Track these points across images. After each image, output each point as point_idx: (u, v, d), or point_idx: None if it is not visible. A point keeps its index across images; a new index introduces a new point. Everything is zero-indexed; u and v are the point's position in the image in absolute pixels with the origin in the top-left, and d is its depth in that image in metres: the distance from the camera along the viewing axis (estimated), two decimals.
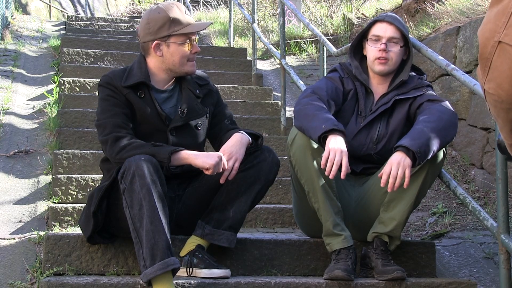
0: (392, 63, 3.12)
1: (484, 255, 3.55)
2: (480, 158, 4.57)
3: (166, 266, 2.58)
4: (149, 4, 17.66)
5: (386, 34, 3.09)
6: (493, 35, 1.23)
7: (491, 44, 1.23)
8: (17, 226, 3.66)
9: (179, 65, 2.97)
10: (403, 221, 2.98)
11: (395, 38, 3.10)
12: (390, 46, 3.10)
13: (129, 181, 2.65)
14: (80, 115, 5.04)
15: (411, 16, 6.69)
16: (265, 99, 6.15)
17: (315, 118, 2.87)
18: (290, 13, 8.77)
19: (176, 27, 2.93)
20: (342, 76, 3.20)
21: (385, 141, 3.11)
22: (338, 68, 3.24)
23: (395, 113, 3.13)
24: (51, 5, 15.00)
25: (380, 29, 3.11)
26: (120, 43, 7.25)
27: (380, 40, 3.10)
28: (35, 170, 4.37)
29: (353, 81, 3.18)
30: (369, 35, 3.14)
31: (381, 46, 3.08)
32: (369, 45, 3.14)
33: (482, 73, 1.27)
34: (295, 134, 2.97)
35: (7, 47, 7.34)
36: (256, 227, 3.98)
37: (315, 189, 2.93)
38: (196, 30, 2.96)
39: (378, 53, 3.09)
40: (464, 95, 4.86)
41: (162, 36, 2.93)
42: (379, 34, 3.10)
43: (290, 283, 2.85)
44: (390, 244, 3.00)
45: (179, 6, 2.98)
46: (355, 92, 3.17)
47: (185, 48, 2.95)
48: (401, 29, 3.11)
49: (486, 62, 1.25)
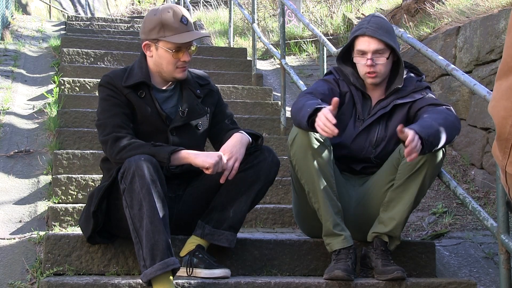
0: (381, 74, 3.10)
1: (484, 255, 3.55)
2: (480, 158, 4.57)
3: (166, 266, 2.58)
4: (149, 4, 17.66)
5: (370, 48, 3.06)
6: (510, 113, 1.13)
7: (510, 123, 1.14)
8: (17, 226, 3.66)
9: (166, 70, 2.95)
10: (403, 221, 2.98)
11: (380, 50, 3.06)
12: (376, 59, 3.06)
13: (129, 181, 2.65)
14: (80, 115, 5.05)
15: (411, 16, 6.69)
16: (265, 99, 6.15)
17: (303, 108, 2.87)
18: (290, 13, 8.78)
19: (166, 33, 2.89)
20: (337, 78, 3.21)
21: (384, 145, 3.11)
22: (333, 71, 3.25)
23: (394, 116, 3.13)
24: (51, 5, 15.00)
25: (363, 44, 3.07)
26: (120, 43, 7.25)
27: (366, 56, 3.07)
28: (35, 170, 4.37)
29: (348, 84, 3.18)
30: (354, 49, 3.12)
31: (368, 62, 3.06)
32: (356, 60, 3.12)
33: (502, 154, 1.17)
34: (295, 134, 2.97)
35: (7, 47, 7.34)
36: (256, 227, 3.98)
37: (315, 189, 2.94)
38: (183, 41, 2.89)
39: (366, 68, 3.08)
40: (464, 95, 4.86)
41: (151, 38, 2.92)
42: (362, 49, 3.07)
43: (290, 283, 2.85)
44: (390, 244, 3.01)
45: (176, 12, 2.91)
46: (351, 95, 3.16)
47: (171, 54, 2.91)
48: (384, 40, 3.06)
49: (506, 143, 1.15)
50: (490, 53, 4.62)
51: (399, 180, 2.95)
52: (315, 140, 2.92)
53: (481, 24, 4.76)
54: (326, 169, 2.94)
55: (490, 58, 4.63)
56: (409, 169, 2.92)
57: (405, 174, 2.93)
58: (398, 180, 2.96)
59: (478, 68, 4.75)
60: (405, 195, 2.94)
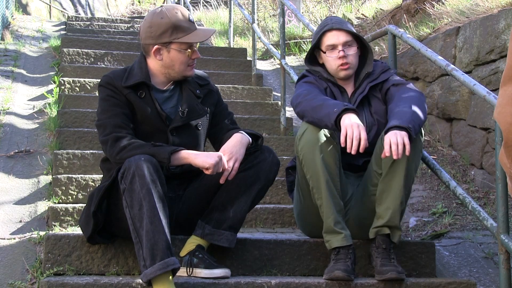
0: (353, 65, 3.23)
1: (484, 255, 3.55)
2: (480, 158, 4.57)
3: (166, 266, 2.58)
4: (149, 4, 17.66)
5: (340, 41, 3.18)
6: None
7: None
8: (17, 226, 3.66)
9: (178, 70, 2.96)
10: (398, 208, 2.97)
11: (348, 41, 3.19)
12: (347, 50, 3.19)
13: (129, 181, 2.65)
14: (80, 115, 5.05)
15: (411, 16, 6.69)
16: (265, 99, 6.16)
17: (323, 107, 2.95)
18: (290, 13, 8.78)
19: (179, 34, 2.91)
20: (315, 77, 3.28)
21: (376, 129, 3.17)
22: (307, 73, 3.34)
23: (372, 100, 3.23)
24: (51, 5, 15.00)
25: (332, 38, 3.19)
26: (120, 43, 7.25)
27: (336, 48, 3.18)
28: (35, 170, 4.37)
29: (325, 81, 3.27)
30: (323, 46, 3.22)
31: (340, 53, 3.17)
32: (327, 56, 3.21)
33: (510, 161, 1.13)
34: (305, 129, 2.99)
35: (7, 47, 7.34)
36: (256, 227, 3.98)
37: (319, 185, 2.95)
38: (198, 40, 2.94)
39: (339, 60, 3.19)
40: (464, 95, 4.87)
41: (163, 42, 2.92)
42: (333, 43, 3.19)
43: (290, 283, 2.85)
44: (392, 236, 2.99)
45: (183, 12, 2.94)
46: (330, 90, 3.25)
47: (185, 54, 2.94)
48: (351, 31, 3.20)
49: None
50: (490, 53, 4.62)
51: (384, 169, 2.98)
52: (324, 137, 2.96)
53: (481, 24, 4.76)
54: (332, 166, 2.96)
55: (490, 58, 4.63)
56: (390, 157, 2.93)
57: (388, 162, 2.95)
58: (384, 170, 2.98)
59: (478, 68, 4.75)
60: (393, 183, 2.95)
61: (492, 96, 2.94)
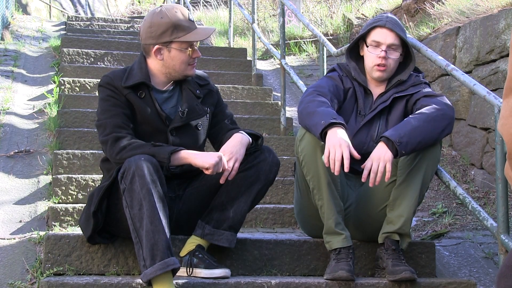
0: (390, 70, 3.12)
1: (484, 255, 3.55)
2: (480, 158, 4.57)
3: (166, 266, 2.58)
4: (149, 4, 17.65)
5: (386, 41, 3.08)
6: None
7: None
8: (17, 226, 3.66)
9: (179, 69, 2.96)
10: (411, 217, 2.97)
11: (394, 45, 3.09)
12: (390, 53, 3.09)
13: (129, 181, 2.65)
14: (80, 115, 5.05)
15: (411, 16, 6.69)
16: (265, 99, 6.16)
17: (314, 115, 2.88)
18: (290, 13, 8.77)
19: (179, 34, 2.91)
20: (341, 75, 3.21)
21: None
22: (337, 67, 3.26)
23: (393, 111, 3.14)
24: (51, 5, 15.01)
25: (380, 35, 3.08)
26: (120, 43, 7.25)
27: (380, 47, 3.08)
28: (35, 170, 4.37)
29: (351, 80, 3.19)
30: (369, 39, 3.12)
31: (381, 53, 3.07)
32: (368, 50, 3.12)
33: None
34: (306, 131, 2.97)
35: (7, 47, 7.34)
36: (256, 227, 3.98)
37: (320, 186, 2.94)
38: (199, 39, 2.94)
39: (378, 59, 3.09)
40: (464, 95, 4.87)
41: (163, 42, 2.92)
42: (379, 40, 3.08)
43: (290, 283, 2.85)
44: (401, 242, 2.99)
45: (183, 11, 2.94)
46: (353, 91, 3.18)
47: (186, 53, 2.94)
48: (401, 35, 3.09)
49: None
50: (490, 53, 4.62)
51: (401, 176, 2.95)
52: None
53: (481, 24, 4.76)
54: None
55: (490, 58, 4.63)
56: (408, 164, 2.92)
57: (405, 170, 2.93)
58: (400, 177, 2.95)
59: (478, 68, 4.76)
60: (409, 191, 2.93)
61: (492, 96, 2.94)
